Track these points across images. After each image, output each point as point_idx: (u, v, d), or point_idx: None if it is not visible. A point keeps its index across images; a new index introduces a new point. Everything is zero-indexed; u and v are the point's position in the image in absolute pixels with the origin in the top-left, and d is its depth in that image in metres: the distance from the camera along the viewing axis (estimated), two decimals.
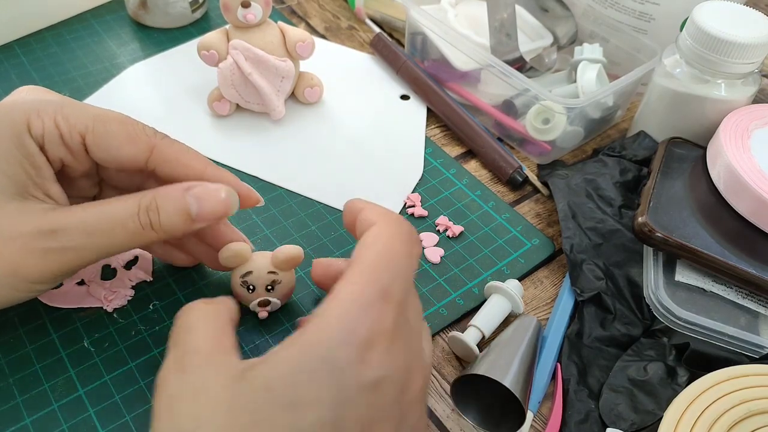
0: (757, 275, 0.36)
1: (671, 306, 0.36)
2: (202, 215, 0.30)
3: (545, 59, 0.54)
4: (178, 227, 0.30)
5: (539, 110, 0.47)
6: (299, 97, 0.52)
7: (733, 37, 0.41)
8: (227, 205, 0.31)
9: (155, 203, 0.30)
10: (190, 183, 0.31)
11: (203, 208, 0.30)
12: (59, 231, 0.29)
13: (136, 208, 0.30)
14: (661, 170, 0.43)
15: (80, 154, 0.31)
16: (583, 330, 0.38)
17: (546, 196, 0.47)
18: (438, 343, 0.38)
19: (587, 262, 0.40)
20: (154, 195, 0.30)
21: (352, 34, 0.61)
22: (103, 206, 0.30)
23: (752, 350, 0.36)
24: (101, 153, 0.31)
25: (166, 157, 0.32)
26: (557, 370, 0.36)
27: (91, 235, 0.29)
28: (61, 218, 0.29)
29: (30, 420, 0.32)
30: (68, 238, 0.29)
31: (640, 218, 0.39)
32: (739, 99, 0.44)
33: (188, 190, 0.31)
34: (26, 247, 0.29)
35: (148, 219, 0.30)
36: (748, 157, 0.40)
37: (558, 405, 0.35)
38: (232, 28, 0.47)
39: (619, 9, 0.53)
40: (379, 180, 0.47)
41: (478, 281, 0.41)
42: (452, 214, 0.45)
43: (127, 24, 0.59)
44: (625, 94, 0.51)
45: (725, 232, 0.39)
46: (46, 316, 0.36)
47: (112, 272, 0.39)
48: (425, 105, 0.54)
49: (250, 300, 0.36)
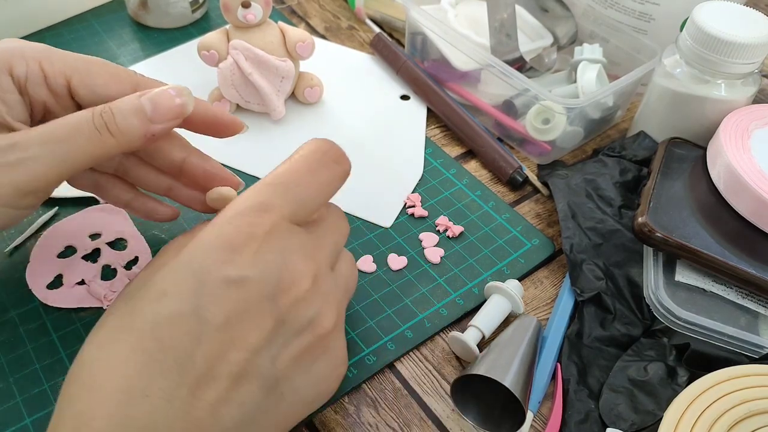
0: (757, 275, 0.36)
1: (671, 306, 0.36)
2: (158, 115, 0.31)
3: (545, 59, 0.54)
4: (136, 128, 0.30)
5: (539, 110, 0.47)
6: (299, 97, 0.52)
7: (733, 37, 0.41)
8: (182, 104, 0.31)
9: (109, 107, 0.30)
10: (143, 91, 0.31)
11: (158, 108, 0.31)
12: (17, 144, 0.29)
13: (91, 114, 0.30)
14: (661, 170, 0.43)
15: (64, 97, 0.33)
16: (583, 330, 0.38)
17: (546, 196, 0.47)
18: (438, 343, 0.38)
19: (587, 262, 0.40)
20: (109, 104, 0.31)
21: (352, 34, 0.61)
22: (61, 119, 0.30)
23: (752, 350, 0.36)
24: (87, 93, 0.32)
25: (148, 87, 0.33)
26: (557, 370, 0.36)
27: (47, 143, 0.29)
28: (17, 134, 0.30)
29: (30, 420, 0.32)
30: (25, 149, 0.29)
31: (640, 218, 0.39)
32: (739, 99, 0.44)
33: (142, 94, 0.31)
34: None
35: (103, 121, 0.30)
36: (748, 157, 0.40)
37: (558, 405, 0.35)
38: (232, 28, 0.47)
39: (619, 9, 0.53)
40: (379, 180, 0.47)
41: (478, 281, 0.41)
42: (452, 214, 0.45)
43: (128, 24, 0.59)
44: (625, 94, 0.51)
45: (725, 232, 0.39)
46: (46, 316, 0.36)
47: (112, 272, 0.39)
48: (425, 105, 0.54)
49: None
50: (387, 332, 0.37)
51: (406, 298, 0.39)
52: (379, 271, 0.41)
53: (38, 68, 0.32)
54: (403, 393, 0.35)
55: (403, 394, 0.35)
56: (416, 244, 0.43)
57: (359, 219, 0.44)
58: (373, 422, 0.34)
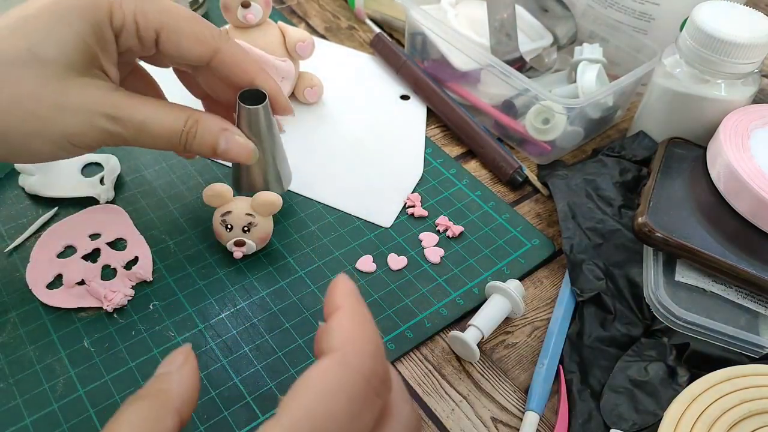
0: (757, 275, 0.36)
1: (671, 306, 0.36)
2: (224, 155, 0.36)
3: (545, 59, 0.54)
4: (202, 154, 0.36)
5: (539, 110, 0.47)
6: (299, 97, 0.52)
7: (733, 37, 0.41)
8: (249, 157, 0.37)
9: (195, 129, 0.35)
10: (227, 124, 0.36)
11: (227, 151, 0.36)
12: (121, 120, 0.33)
13: (182, 127, 0.34)
14: (661, 170, 0.43)
15: (149, 46, 0.35)
16: (583, 330, 0.38)
17: (546, 196, 0.47)
18: (438, 343, 0.38)
19: (587, 262, 0.40)
20: (197, 120, 0.35)
21: (352, 34, 0.61)
22: (158, 111, 0.34)
23: (752, 350, 0.36)
24: (171, 50, 0.35)
25: (225, 60, 0.36)
26: (560, 370, 0.36)
27: (142, 134, 0.34)
28: (124, 107, 0.33)
29: (30, 420, 0.32)
30: (124, 127, 0.33)
31: (640, 218, 0.39)
32: (739, 99, 0.44)
33: (224, 131, 0.36)
34: (88, 121, 0.32)
35: (186, 140, 0.35)
36: (748, 157, 0.40)
37: (564, 406, 0.35)
38: (232, 28, 0.47)
39: (619, 9, 0.53)
40: (379, 180, 0.47)
41: (478, 281, 0.41)
42: (452, 214, 0.45)
43: None
44: (625, 94, 0.51)
45: (725, 232, 0.39)
46: (46, 317, 0.36)
47: (112, 272, 0.39)
48: (425, 105, 0.54)
49: (227, 239, 0.39)
50: (387, 332, 0.37)
51: (406, 298, 0.39)
52: (379, 271, 0.41)
53: (133, 20, 0.33)
54: None
55: None
56: (416, 244, 0.43)
57: (359, 219, 0.44)
58: None
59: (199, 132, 0.35)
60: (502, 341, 0.38)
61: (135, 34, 0.34)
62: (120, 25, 0.33)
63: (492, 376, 0.36)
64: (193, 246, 0.41)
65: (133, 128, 0.33)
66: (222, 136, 0.35)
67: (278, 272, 0.40)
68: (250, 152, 0.37)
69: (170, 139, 0.34)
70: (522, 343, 0.38)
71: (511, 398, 0.36)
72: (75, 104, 0.32)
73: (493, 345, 0.38)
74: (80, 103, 0.32)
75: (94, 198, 0.42)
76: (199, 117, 0.35)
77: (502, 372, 0.37)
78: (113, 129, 0.33)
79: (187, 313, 0.37)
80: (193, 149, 0.35)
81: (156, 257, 0.40)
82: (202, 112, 0.35)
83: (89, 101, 0.32)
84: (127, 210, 0.42)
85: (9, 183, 0.43)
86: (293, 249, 0.41)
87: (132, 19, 0.33)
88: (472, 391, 0.36)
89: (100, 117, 0.32)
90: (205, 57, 0.35)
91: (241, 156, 0.36)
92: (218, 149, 0.35)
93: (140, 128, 0.33)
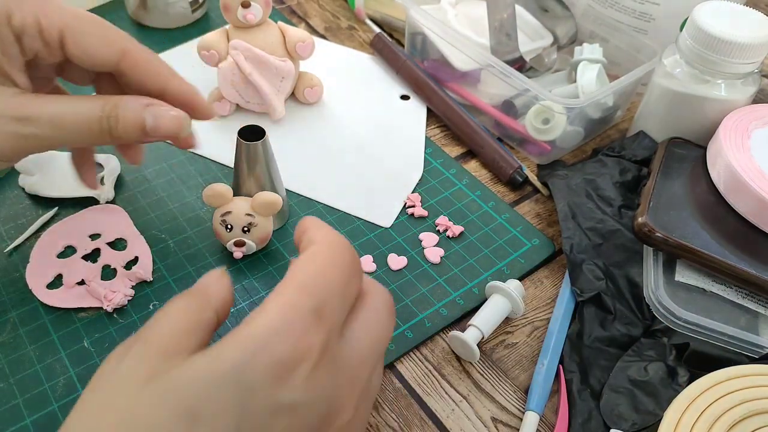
0: (757, 275, 0.36)
1: (671, 306, 0.36)
2: (155, 131, 0.33)
3: (545, 59, 0.54)
4: (132, 137, 0.33)
5: (539, 110, 0.47)
6: (299, 97, 0.52)
7: (733, 37, 0.41)
8: (180, 126, 0.33)
9: (116, 112, 0.32)
10: (150, 99, 0.33)
11: (158, 126, 0.33)
12: (31, 119, 0.31)
13: (100, 113, 0.32)
14: (661, 170, 0.43)
15: (55, 49, 0.33)
16: (583, 330, 0.38)
17: (546, 196, 0.47)
18: (438, 343, 0.38)
19: (587, 262, 0.40)
20: (116, 104, 0.32)
21: (352, 34, 0.61)
22: (71, 104, 0.32)
23: (752, 350, 0.36)
24: (77, 51, 0.33)
25: (136, 62, 0.34)
26: (560, 370, 0.36)
27: (57, 128, 0.31)
28: (30, 106, 0.31)
29: (30, 420, 0.32)
30: (37, 126, 0.31)
31: (640, 218, 0.39)
32: (739, 99, 0.44)
33: (148, 106, 0.33)
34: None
35: (108, 125, 0.32)
36: (748, 157, 0.40)
37: (564, 405, 0.35)
38: (232, 28, 0.47)
39: (619, 9, 0.53)
40: (379, 180, 0.47)
41: (478, 281, 0.41)
42: (452, 214, 0.45)
43: (127, 24, 0.59)
44: (625, 94, 0.51)
45: (725, 232, 0.39)
46: (46, 317, 0.36)
47: (112, 272, 0.39)
48: (425, 105, 0.54)
49: (227, 239, 0.39)
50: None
51: (406, 298, 0.39)
52: (379, 271, 0.41)
53: (34, 20, 0.32)
54: (403, 393, 0.35)
55: (403, 394, 0.35)
56: (416, 244, 0.43)
57: (359, 219, 0.44)
58: (373, 422, 0.34)
59: (120, 114, 0.32)
60: (502, 341, 0.38)
61: (38, 36, 0.32)
62: (20, 25, 0.31)
63: (492, 376, 0.36)
64: (193, 246, 0.41)
65: (46, 125, 0.31)
66: (147, 112, 0.33)
67: (278, 272, 0.40)
68: (182, 122, 0.33)
69: (90, 128, 0.32)
70: (522, 343, 0.38)
71: (511, 398, 0.36)
72: None
73: (493, 345, 0.38)
74: None
75: (94, 198, 0.42)
76: (117, 99, 0.32)
77: (502, 372, 0.37)
78: (25, 130, 0.31)
79: None
80: (119, 134, 0.32)
81: (156, 257, 0.40)
82: (121, 96, 0.33)
83: None
84: (127, 210, 0.42)
85: (9, 183, 0.43)
86: (293, 249, 0.41)
87: (33, 19, 0.31)
88: (472, 391, 0.36)
89: (7, 121, 0.31)
90: (113, 58, 0.33)
91: (172, 127, 0.33)
92: (147, 126, 0.33)
93: (54, 123, 0.31)
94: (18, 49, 0.32)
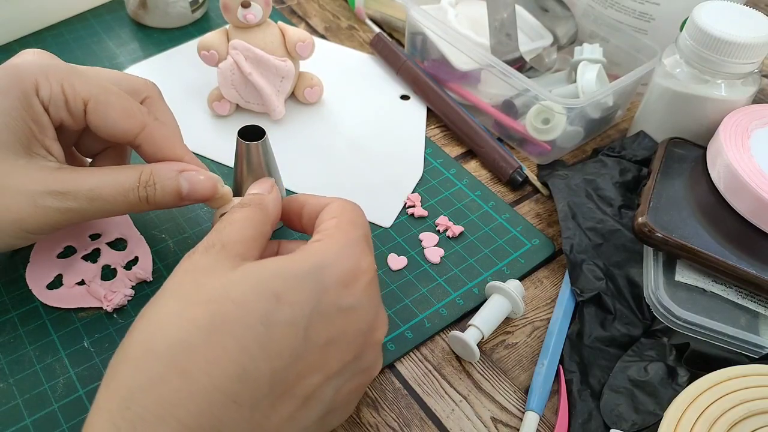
0: (757, 275, 0.36)
1: (671, 306, 0.36)
2: (191, 196, 0.34)
3: (545, 59, 0.54)
4: (169, 203, 0.34)
5: (539, 110, 0.47)
6: (299, 97, 0.52)
7: (733, 37, 0.41)
8: (214, 189, 0.35)
9: (153, 180, 0.33)
10: (182, 165, 0.35)
11: (194, 191, 0.34)
12: (67, 193, 0.32)
13: (137, 183, 0.33)
14: (661, 170, 0.43)
15: (80, 118, 0.34)
16: (583, 330, 0.38)
17: (546, 196, 0.47)
18: (438, 343, 0.38)
19: (587, 262, 0.40)
20: (152, 172, 0.34)
21: (352, 34, 0.61)
22: (108, 176, 0.33)
23: (752, 350, 0.36)
24: (99, 122, 0.34)
25: (154, 137, 0.35)
26: (560, 371, 0.36)
27: (94, 201, 0.32)
28: (69, 181, 0.32)
29: (30, 420, 0.32)
30: (74, 200, 0.32)
31: (640, 218, 0.39)
32: (739, 99, 0.44)
33: (181, 172, 0.34)
34: (34, 203, 0.31)
35: (146, 194, 0.33)
36: (748, 157, 0.40)
37: (564, 405, 0.35)
38: (232, 28, 0.47)
39: (619, 9, 0.53)
40: (379, 180, 0.47)
41: (478, 281, 0.41)
42: (452, 214, 0.45)
43: (127, 24, 0.59)
44: (625, 94, 0.51)
45: (725, 232, 0.39)
46: (46, 317, 0.36)
47: (112, 272, 0.39)
48: (425, 105, 0.54)
49: None
50: (387, 332, 0.37)
51: (406, 298, 0.39)
52: (379, 271, 0.41)
53: (60, 91, 0.32)
54: (403, 393, 0.35)
55: (403, 394, 0.35)
56: (416, 244, 0.43)
57: None
58: (373, 423, 0.34)
59: (157, 181, 0.33)
60: (502, 341, 0.38)
61: (64, 106, 0.33)
62: (47, 96, 0.32)
63: (492, 376, 0.36)
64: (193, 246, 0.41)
65: (84, 198, 0.32)
66: (182, 178, 0.34)
67: None
68: (215, 184, 0.35)
69: (127, 198, 0.33)
70: (522, 343, 0.38)
71: (511, 398, 0.36)
72: (15, 187, 0.31)
73: (493, 345, 0.38)
74: (20, 185, 0.31)
75: None
76: (152, 168, 0.34)
77: (502, 372, 0.37)
78: (62, 205, 0.32)
79: None
80: (158, 201, 0.34)
81: (156, 257, 0.40)
82: (154, 164, 0.34)
83: (30, 181, 0.31)
84: None
85: None
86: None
87: (59, 89, 0.32)
88: (472, 391, 0.36)
89: (45, 196, 0.31)
90: (133, 131, 0.34)
91: (207, 191, 0.34)
92: (183, 192, 0.34)
93: (91, 196, 0.32)
94: (48, 119, 0.33)
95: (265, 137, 0.37)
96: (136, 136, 0.34)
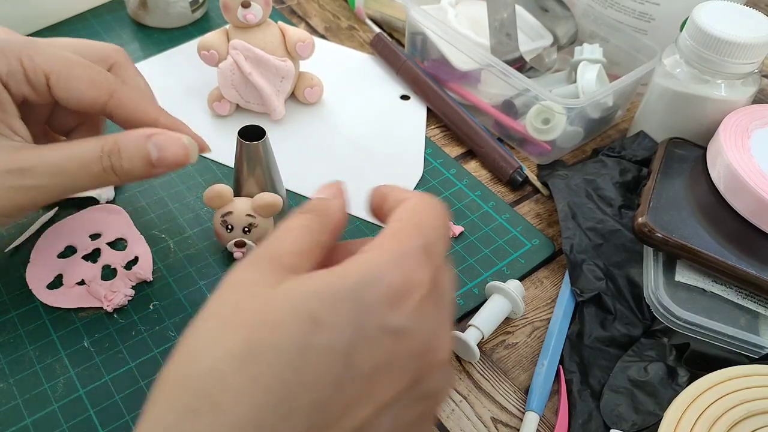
0: (757, 275, 0.36)
1: (671, 306, 0.36)
2: (162, 162, 0.32)
3: (545, 59, 0.54)
4: (139, 172, 0.32)
5: (539, 110, 0.47)
6: (299, 97, 0.52)
7: (733, 37, 0.41)
8: (187, 154, 0.32)
9: (117, 148, 0.31)
10: (152, 129, 0.32)
11: (164, 156, 0.32)
12: (27, 170, 0.30)
13: (99, 152, 0.31)
14: (661, 170, 0.43)
15: (43, 92, 0.32)
16: (583, 330, 0.38)
17: (546, 197, 0.47)
18: None
19: (587, 262, 0.40)
20: (116, 140, 0.31)
21: (352, 34, 0.61)
22: (69, 149, 0.31)
23: (752, 350, 0.36)
24: (64, 94, 0.32)
25: (124, 102, 0.33)
26: (560, 371, 0.36)
27: (56, 176, 0.31)
28: (29, 158, 0.30)
29: (30, 420, 0.32)
30: (35, 177, 0.30)
31: (640, 218, 0.39)
32: (739, 99, 0.44)
33: (150, 137, 0.32)
34: None
35: (110, 163, 0.31)
36: (748, 157, 0.40)
37: (564, 406, 0.35)
38: (232, 28, 0.47)
39: (619, 9, 0.53)
40: (379, 180, 0.47)
41: (478, 281, 0.41)
42: (452, 214, 0.45)
43: (127, 24, 0.59)
44: (625, 94, 0.51)
45: (725, 232, 0.39)
46: (46, 317, 0.36)
47: (112, 272, 0.39)
48: (425, 105, 0.54)
49: (227, 239, 0.39)
50: None
51: None
52: None
53: (19, 65, 0.31)
54: None
55: None
56: None
57: (359, 219, 0.44)
58: None
59: (123, 149, 0.31)
60: (502, 341, 0.38)
61: (24, 80, 0.31)
62: (5, 71, 0.31)
63: (492, 376, 0.36)
64: (193, 246, 0.41)
65: (45, 174, 0.30)
66: (150, 143, 0.32)
67: None
68: (188, 148, 0.33)
69: (91, 171, 0.31)
70: (522, 343, 0.38)
71: (511, 398, 0.36)
72: None
73: (493, 345, 0.38)
74: None
75: (94, 198, 0.42)
76: (117, 136, 0.32)
77: (502, 372, 0.37)
78: (24, 183, 0.30)
79: (187, 313, 0.37)
80: (125, 171, 0.32)
81: (156, 257, 0.40)
82: (121, 132, 0.32)
83: None
84: (127, 210, 0.42)
85: None
86: None
87: (18, 64, 0.31)
88: (472, 391, 0.36)
89: (4, 175, 0.30)
90: (101, 99, 0.33)
91: (179, 156, 0.32)
92: (152, 158, 0.32)
93: (54, 171, 0.31)
94: (8, 95, 0.32)
95: (265, 137, 0.37)
96: (105, 104, 0.33)
